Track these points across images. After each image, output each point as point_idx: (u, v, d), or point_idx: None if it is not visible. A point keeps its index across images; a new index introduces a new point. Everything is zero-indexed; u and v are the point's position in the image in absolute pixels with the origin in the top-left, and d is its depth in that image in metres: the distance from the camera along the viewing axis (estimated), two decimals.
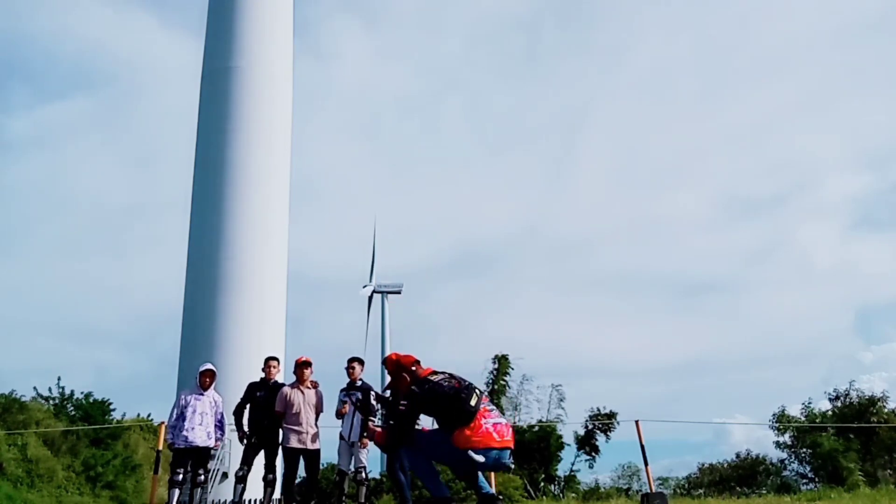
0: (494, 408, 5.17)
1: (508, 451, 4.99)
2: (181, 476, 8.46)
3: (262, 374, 9.15)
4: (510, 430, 5.09)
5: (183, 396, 8.83)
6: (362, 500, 8.38)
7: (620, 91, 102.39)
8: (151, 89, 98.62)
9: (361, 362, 8.96)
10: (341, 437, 8.78)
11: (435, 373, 5.33)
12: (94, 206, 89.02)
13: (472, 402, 5.01)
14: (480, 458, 4.74)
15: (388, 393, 8.53)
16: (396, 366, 5.43)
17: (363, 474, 8.51)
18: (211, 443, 8.80)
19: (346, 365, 8.89)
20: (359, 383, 8.79)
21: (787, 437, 21.97)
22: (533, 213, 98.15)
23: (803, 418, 21.98)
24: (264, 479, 8.76)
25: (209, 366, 9.08)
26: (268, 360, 9.20)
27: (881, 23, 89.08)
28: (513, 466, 5.22)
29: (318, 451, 8.79)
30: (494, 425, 4.94)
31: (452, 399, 5.01)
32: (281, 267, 15.95)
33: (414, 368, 5.39)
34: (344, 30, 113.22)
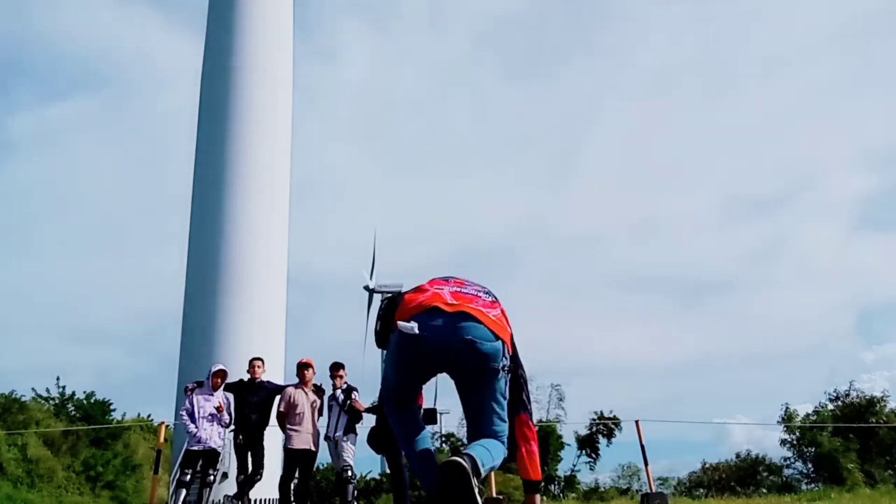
0: (477, 287, 3.37)
1: (479, 327, 3.03)
2: (189, 476, 8.42)
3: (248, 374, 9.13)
4: (490, 308, 3.19)
5: (192, 397, 8.78)
6: (349, 499, 8.41)
7: (625, 90, 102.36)
8: (154, 89, 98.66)
9: (343, 366, 8.99)
10: (326, 438, 8.79)
11: None
12: (95, 205, 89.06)
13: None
14: (410, 325, 2.99)
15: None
16: None
17: (349, 472, 8.53)
18: (222, 444, 8.82)
19: (329, 373, 8.91)
20: (344, 386, 8.84)
21: (789, 436, 22.05)
22: (534, 213, 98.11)
23: (814, 418, 22.07)
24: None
25: (221, 366, 9.02)
26: (252, 360, 9.21)
27: (883, 22, 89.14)
28: (501, 361, 3.10)
29: (316, 453, 8.80)
30: (452, 292, 3.17)
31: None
32: (281, 267, 15.96)
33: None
34: (348, 31, 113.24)
